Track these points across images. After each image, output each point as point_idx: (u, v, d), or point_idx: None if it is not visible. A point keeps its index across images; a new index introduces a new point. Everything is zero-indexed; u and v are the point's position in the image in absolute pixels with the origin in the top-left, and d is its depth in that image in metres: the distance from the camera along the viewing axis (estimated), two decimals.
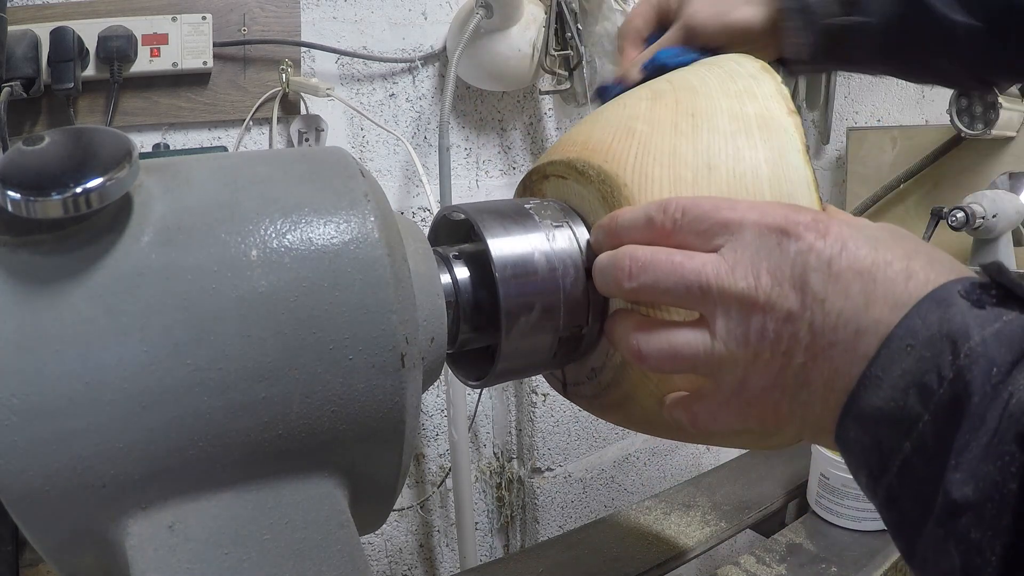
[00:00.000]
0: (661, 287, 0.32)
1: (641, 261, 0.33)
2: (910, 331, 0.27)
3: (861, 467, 0.29)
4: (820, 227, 0.30)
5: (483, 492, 1.25)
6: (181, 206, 0.29)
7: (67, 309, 0.26)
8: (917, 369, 0.26)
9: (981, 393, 0.24)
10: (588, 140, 0.40)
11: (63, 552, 0.28)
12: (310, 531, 0.29)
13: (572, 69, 1.03)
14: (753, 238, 0.31)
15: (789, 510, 0.85)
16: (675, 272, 0.31)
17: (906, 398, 0.26)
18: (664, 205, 0.33)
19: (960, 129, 1.17)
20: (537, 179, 0.43)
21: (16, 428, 0.25)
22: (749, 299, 0.30)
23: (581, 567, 0.70)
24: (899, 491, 0.27)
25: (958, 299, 0.26)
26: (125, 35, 0.78)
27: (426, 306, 0.34)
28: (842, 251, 0.29)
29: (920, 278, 0.28)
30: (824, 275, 0.29)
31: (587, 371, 0.42)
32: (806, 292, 0.29)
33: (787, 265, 0.29)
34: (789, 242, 0.30)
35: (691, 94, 0.39)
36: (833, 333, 0.29)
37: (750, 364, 0.31)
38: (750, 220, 0.31)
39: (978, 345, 0.25)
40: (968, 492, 0.24)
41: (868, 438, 0.28)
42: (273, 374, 0.28)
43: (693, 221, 0.32)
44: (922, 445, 0.26)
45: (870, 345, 0.28)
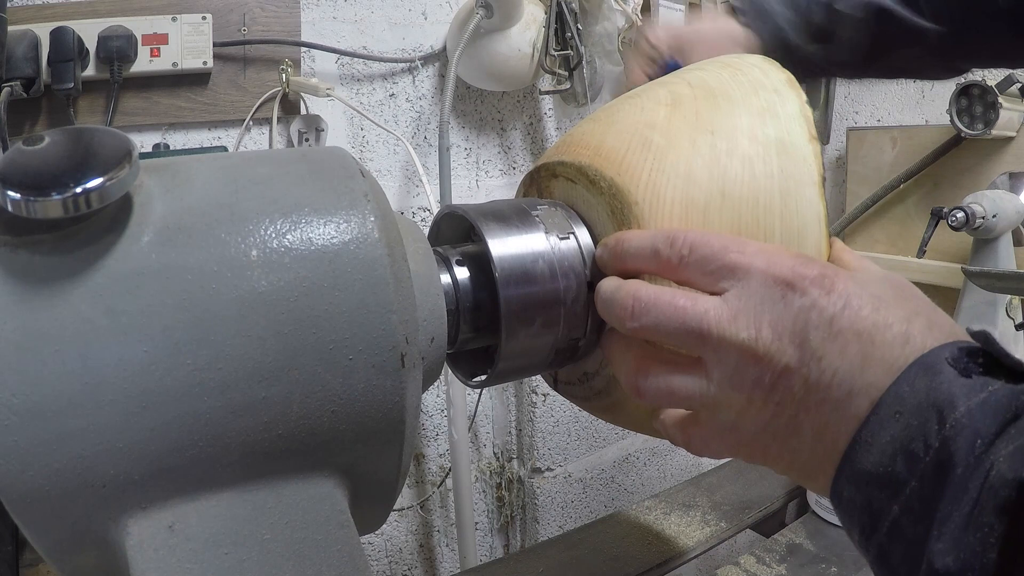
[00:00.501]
0: (662, 330, 0.32)
1: (644, 302, 0.33)
2: (899, 398, 0.27)
3: (854, 524, 0.30)
4: (826, 283, 0.30)
5: (483, 492, 1.25)
6: (181, 206, 0.29)
7: (67, 309, 0.26)
8: (905, 436, 0.27)
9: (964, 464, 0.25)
10: (601, 145, 0.38)
11: (63, 552, 0.28)
12: (310, 531, 0.29)
13: (572, 69, 1.03)
14: (759, 287, 0.31)
15: (789, 510, 0.85)
16: (677, 316, 0.32)
17: (894, 463, 0.27)
18: (672, 239, 0.33)
19: (960, 129, 1.17)
20: (546, 176, 0.42)
21: (16, 428, 0.25)
22: (749, 350, 0.30)
23: (581, 567, 0.70)
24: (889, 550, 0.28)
25: (945, 367, 0.27)
26: (125, 35, 0.78)
27: (426, 306, 0.34)
28: (844, 309, 0.29)
29: (916, 343, 0.28)
30: (824, 333, 0.29)
31: (580, 374, 0.42)
32: (805, 348, 0.29)
33: (789, 320, 0.30)
34: (794, 296, 0.30)
35: (712, 106, 0.38)
36: (826, 391, 0.29)
37: (743, 409, 0.31)
38: (757, 268, 0.31)
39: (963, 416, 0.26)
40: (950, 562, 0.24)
41: (860, 498, 0.28)
42: (273, 374, 0.28)
43: (700, 260, 0.32)
44: (909, 509, 0.26)
45: (860, 407, 0.28)
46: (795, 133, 0.37)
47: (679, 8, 1.15)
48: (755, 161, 0.36)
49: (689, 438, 0.35)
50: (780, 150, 0.36)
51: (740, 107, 0.38)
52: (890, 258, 1.34)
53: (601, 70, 1.07)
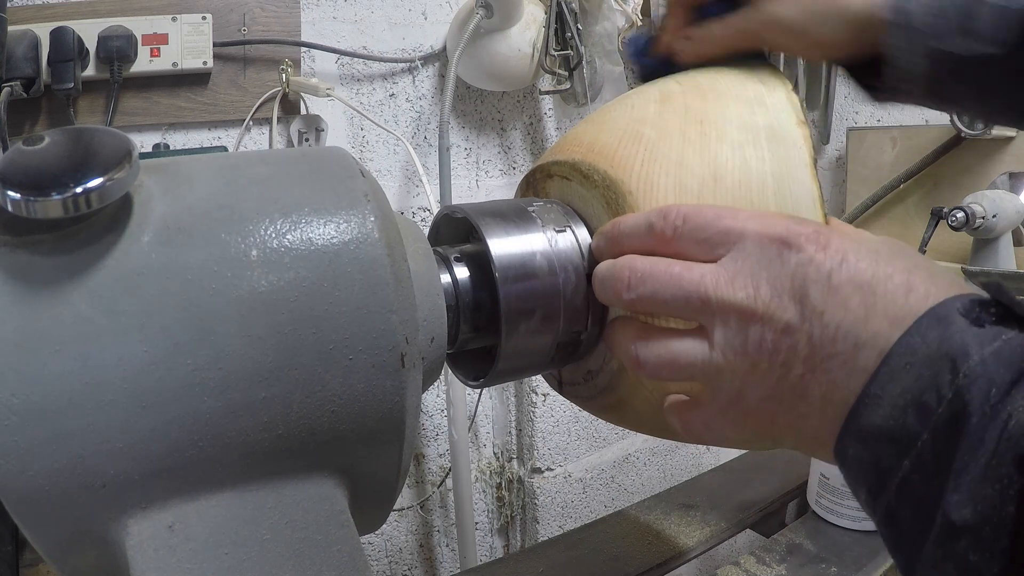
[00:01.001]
0: (660, 298, 0.32)
1: (640, 272, 0.33)
2: (909, 349, 0.27)
3: (860, 484, 0.29)
4: (821, 239, 0.30)
5: (483, 492, 1.25)
6: (181, 206, 0.29)
7: (67, 309, 0.26)
8: (916, 388, 0.26)
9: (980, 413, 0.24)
10: (594, 142, 0.39)
11: (63, 552, 0.28)
12: (310, 531, 0.29)
13: (572, 69, 1.03)
14: (754, 248, 0.30)
15: (789, 510, 0.85)
16: (674, 283, 0.31)
17: (905, 416, 0.26)
18: (665, 212, 0.33)
19: (960, 129, 1.17)
20: (541, 177, 0.43)
21: (16, 428, 0.25)
22: (748, 310, 0.30)
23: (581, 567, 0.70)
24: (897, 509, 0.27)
25: (957, 317, 0.26)
26: (125, 35, 0.78)
27: (426, 306, 0.34)
28: (842, 263, 0.29)
29: (920, 292, 0.28)
30: (824, 287, 0.29)
31: (583, 373, 0.42)
32: (805, 304, 0.29)
33: (787, 277, 0.29)
34: (790, 254, 0.30)
35: (700, 99, 0.39)
36: (832, 345, 0.29)
37: (747, 374, 0.31)
38: (751, 230, 0.31)
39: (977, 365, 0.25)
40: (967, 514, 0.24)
41: (867, 455, 0.28)
42: (273, 374, 0.28)
43: (694, 229, 0.32)
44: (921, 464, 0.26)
45: (869, 358, 0.28)
46: (783, 119, 0.37)
47: None
48: (745, 147, 0.36)
49: (688, 422, 0.34)
50: (770, 135, 0.37)
51: (728, 98, 0.38)
52: None
53: (601, 70, 1.07)
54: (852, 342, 0.28)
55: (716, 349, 0.31)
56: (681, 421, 0.35)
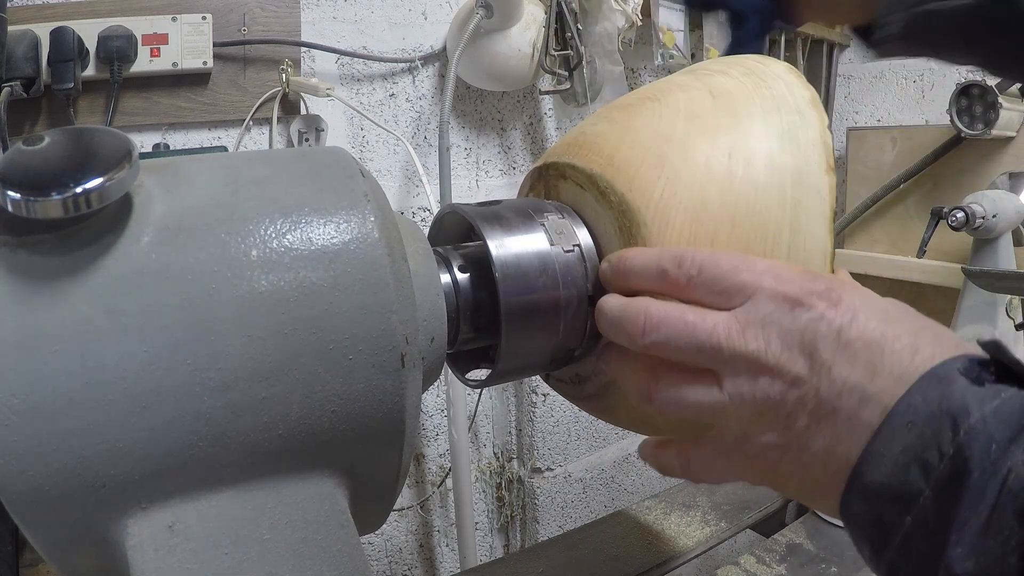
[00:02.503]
0: (673, 345, 0.32)
1: (655, 319, 0.33)
2: (911, 408, 0.27)
3: (864, 540, 0.29)
4: (833, 296, 0.30)
5: (483, 492, 1.25)
6: (181, 206, 0.29)
7: (67, 309, 0.26)
8: (918, 445, 0.27)
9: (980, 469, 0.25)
10: (615, 155, 0.37)
11: (63, 552, 0.28)
12: (310, 531, 0.29)
13: (572, 69, 1.03)
14: (767, 303, 0.31)
15: (789, 510, 0.85)
16: (688, 332, 0.32)
17: (907, 474, 0.27)
18: (680, 259, 0.33)
19: (960, 129, 1.17)
20: (555, 175, 0.41)
21: (16, 428, 0.25)
22: (758, 361, 0.30)
23: (581, 567, 0.70)
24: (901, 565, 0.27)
25: (957, 376, 0.27)
26: (125, 35, 0.78)
27: (426, 306, 0.34)
28: (852, 321, 0.30)
29: (926, 354, 0.28)
30: (833, 343, 0.29)
31: (572, 374, 0.42)
32: (815, 359, 0.30)
33: (798, 332, 0.30)
34: (801, 311, 0.30)
35: (732, 122, 0.37)
36: (838, 400, 0.29)
37: (754, 422, 0.31)
38: (766, 285, 0.31)
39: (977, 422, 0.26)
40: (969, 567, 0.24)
41: (870, 512, 0.28)
42: (273, 374, 0.28)
43: (709, 281, 0.32)
44: (923, 520, 0.26)
45: (872, 414, 0.28)
46: (812, 163, 0.36)
47: (679, 8, 1.15)
48: (769, 191, 0.35)
49: (688, 462, 0.35)
50: (796, 181, 0.35)
51: (760, 125, 0.37)
52: (890, 258, 1.34)
53: (601, 70, 1.07)
54: (857, 398, 0.29)
55: (725, 393, 0.31)
56: (681, 460, 0.35)
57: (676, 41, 1.15)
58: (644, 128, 0.38)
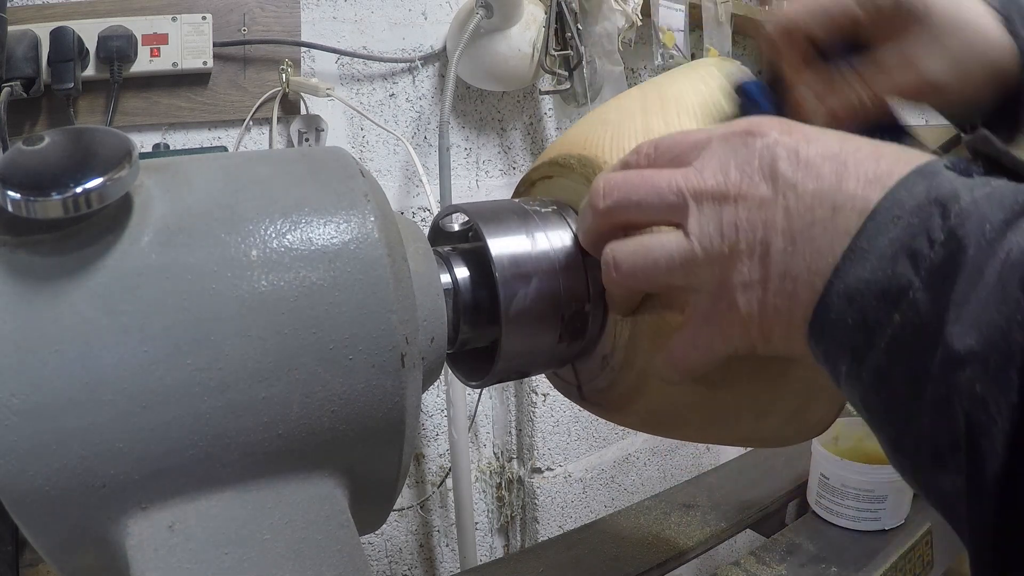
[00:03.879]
0: (633, 199, 0.33)
1: (613, 181, 0.34)
2: (896, 202, 0.26)
3: (843, 351, 0.27)
4: (784, 126, 0.30)
5: (483, 492, 1.25)
6: (181, 206, 0.29)
7: (67, 309, 0.26)
8: (906, 235, 0.25)
9: (976, 246, 0.23)
10: (563, 141, 0.43)
11: (63, 552, 0.28)
12: (310, 531, 0.29)
13: (572, 69, 1.03)
14: (720, 144, 0.31)
15: (789, 510, 0.85)
16: (646, 183, 0.32)
17: (895, 266, 0.25)
18: (637, 148, 0.35)
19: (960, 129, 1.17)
20: (525, 189, 0.45)
21: (16, 428, 0.25)
22: (720, 192, 0.30)
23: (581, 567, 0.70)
24: (888, 368, 0.25)
25: (944, 170, 0.26)
26: (125, 35, 0.78)
27: (426, 306, 0.34)
28: (809, 141, 0.29)
29: (890, 158, 0.28)
30: (793, 162, 0.29)
31: (599, 361, 0.42)
32: (776, 179, 0.29)
33: (754, 157, 0.30)
34: (754, 139, 0.30)
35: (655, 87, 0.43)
36: (810, 213, 0.28)
37: (727, 260, 0.30)
38: (718, 132, 0.32)
39: (969, 205, 0.24)
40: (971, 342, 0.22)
41: (852, 315, 0.26)
42: (273, 374, 0.28)
43: (665, 151, 0.34)
44: (914, 312, 0.24)
45: (849, 220, 0.27)
46: None
47: (679, 8, 1.15)
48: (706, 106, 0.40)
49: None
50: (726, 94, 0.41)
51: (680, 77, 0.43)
52: None
53: (601, 70, 1.07)
54: (829, 205, 0.28)
55: (692, 238, 0.31)
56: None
57: (676, 41, 1.15)
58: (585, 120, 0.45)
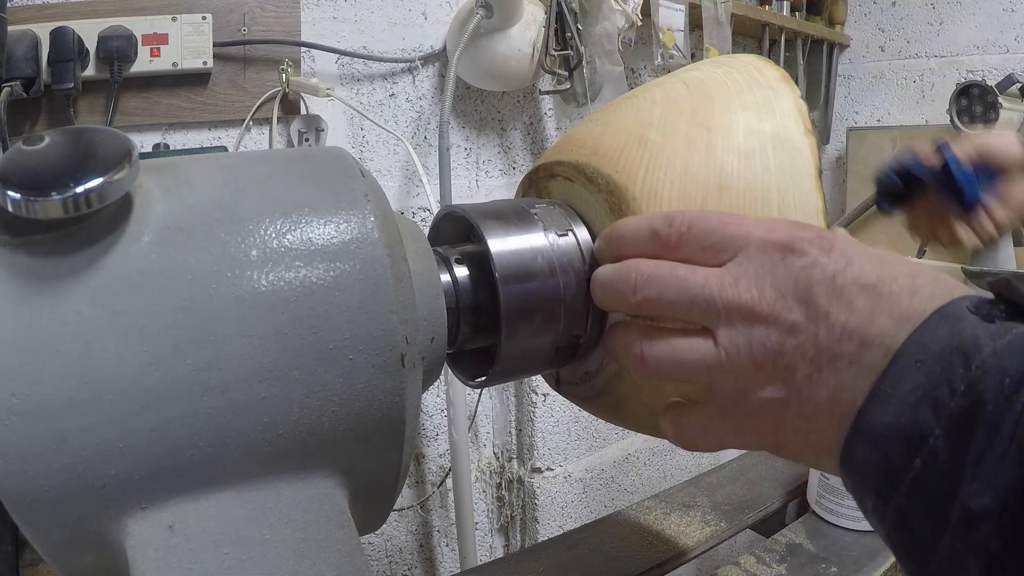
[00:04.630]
0: (665, 300, 0.32)
1: (646, 275, 0.32)
2: (920, 346, 0.26)
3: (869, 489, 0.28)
4: (824, 243, 0.30)
5: (483, 492, 1.25)
6: (181, 206, 0.29)
7: (67, 309, 0.26)
8: (928, 383, 0.26)
9: (995, 403, 0.24)
10: (598, 145, 0.39)
11: (63, 552, 0.28)
12: (310, 531, 0.29)
13: (572, 69, 1.03)
14: (758, 253, 0.31)
15: (789, 510, 0.85)
16: (680, 285, 0.31)
17: (916, 413, 0.26)
18: (670, 219, 0.33)
19: (960, 129, 1.17)
20: (544, 176, 0.42)
21: (16, 428, 0.25)
22: (753, 311, 0.30)
23: (581, 567, 0.70)
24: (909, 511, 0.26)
25: (967, 314, 0.26)
26: (125, 35, 0.78)
27: (426, 306, 0.34)
28: (847, 266, 0.29)
29: (925, 294, 0.28)
30: (828, 288, 0.29)
31: (581, 373, 0.42)
32: (810, 305, 0.29)
33: (791, 279, 0.30)
34: (793, 257, 0.30)
35: (708, 103, 0.39)
36: (838, 345, 0.28)
37: (752, 376, 0.30)
38: (755, 236, 0.31)
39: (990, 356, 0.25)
40: (986, 501, 0.23)
41: (876, 457, 0.27)
42: (273, 374, 0.28)
43: (699, 236, 0.32)
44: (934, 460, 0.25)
45: (876, 357, 0.27)
46: (791, 128, 0.37)
47: (679, 8, 1.15)
48: (752, 156, 0.36)
49: (684, 425, 0.34)
50: (776, 145, 0.37)
51: (735, 103, 0.38)
52: None
53: (601, 70, 1.07)
54: (858, 341, 0.28)
55: (720, 348, 0.31)
56: (676, 425, 0.34)
57: (676, 41, 1.15)
58: (624, 119, 0.39)
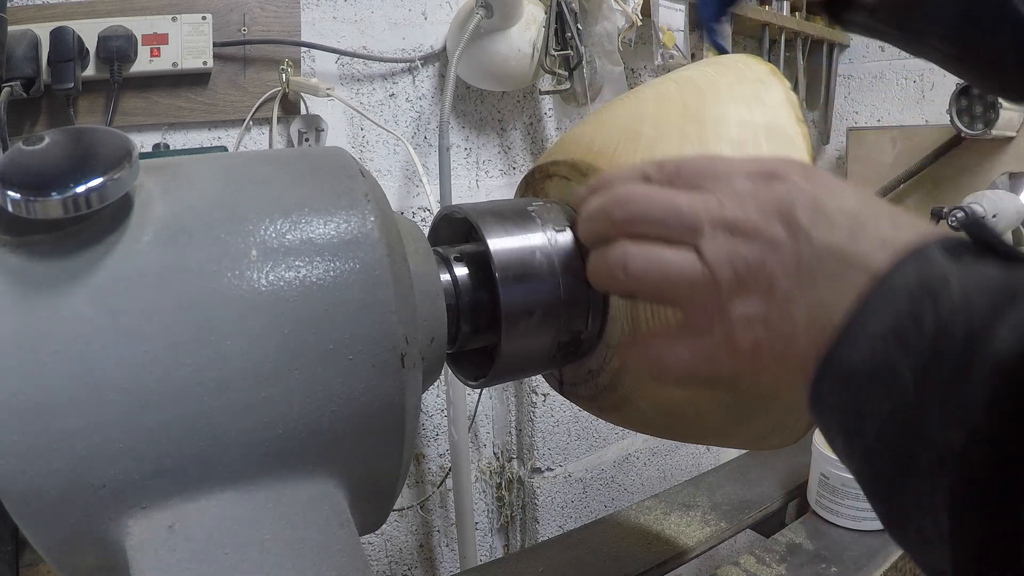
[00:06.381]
0: (652, 216, 0.32)
1: (633, 192, 0.33)
2: (889, 286, 0.27)
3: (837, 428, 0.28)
4: (808, 173, 0.31)
5: (483, 492, 1.25)
6: (181, 206, 0.29)
7: (67, 309, 0.26)
8: (896, 324, 0.26)
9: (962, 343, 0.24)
10: (592, 142, 0.39)
11: (63, 552, 0.28)
12: (310, 531, 0.29)
13: (572, 69, 1.03)
14: (742, 180, 0.31)
15: (789, 510, 0.85)
16: (667, 201, 0.32)
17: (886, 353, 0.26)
18: (659, 163, 0.34)
19: (960, 129, 1.17)
20: (540, 177, 0.43)
21: (16, 428, 0.25)
22: (736, 225, 0.30)
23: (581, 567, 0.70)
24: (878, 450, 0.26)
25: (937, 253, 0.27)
26: (125, 35, 0.78)
27: (426, 306, 0.34)
28: (829, 193, 0.30)
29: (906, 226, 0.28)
30: (811, 210, 0.29)
31: (584, 372, 0.42)
32: (792, 224, 0.29)
33: (775, 200, 0.30)
34: (777, 182, 0.31)
35: (698, 98, 0.39)
36: (819, 263, 0.28)
37: (733, 290, 0.30)
38: (741, 167, 0.32)
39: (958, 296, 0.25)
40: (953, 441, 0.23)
41: (845, 397, 0.27)
42: (273, 374, 0.28)
43: (687, 175, 0.33)
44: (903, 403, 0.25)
45: (856, 276, 0.27)
46: (782, 117, 0.38)
47: (679, 8, 1.15)
48: (745, 145, 0.37)
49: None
50: (768, 134, 0.37)
51: (726, 96, 0.39)
52: None
53: (601, 70, 1.07)
54: (840, 259, 0.28)
55: (704, 261, 0.31)
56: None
57: (676, 41, 1.15)
58: (618, 116, 0.40)
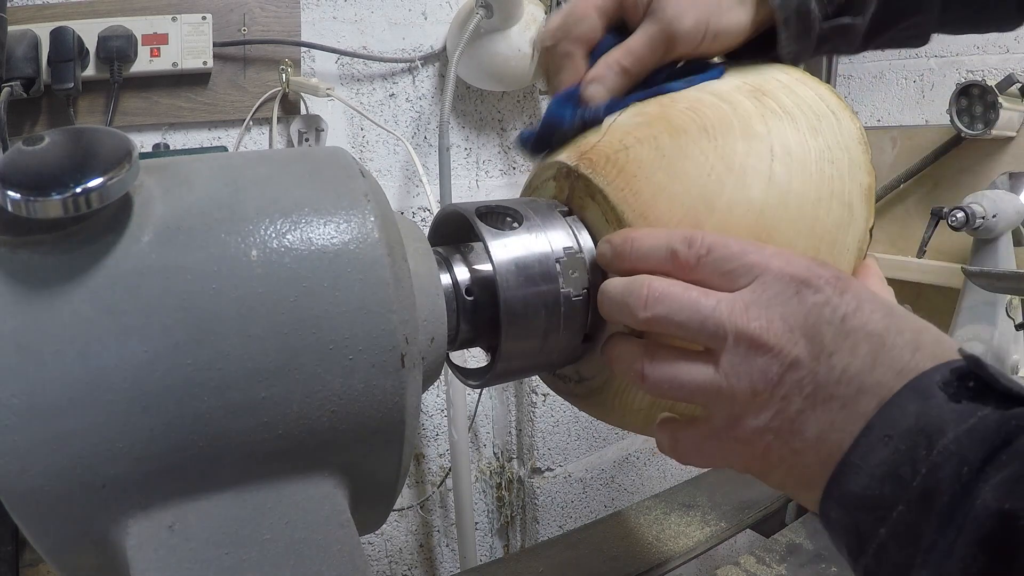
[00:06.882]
0: (675, 320, 0.32)
1: (658, 292, 0.32)
2: (889, 422, 0.28)
3: (842, 545, 0.30)
4: (840, 284, 0.31)
5: (483, 492, 1.25)
6: (181, 206, 0.29)
7: (67, 309, 0.26)
8: (894, 460, 0.27)
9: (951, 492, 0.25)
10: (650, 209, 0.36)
11: (63, 552, 0.28)
12: (310, 531, 0.29)
13: None
14: (773, 283, 0.31)
15: (789, 510, 0.85)
16: (691, 306, 0.31)
17: (883, 487, 0.27)
18: (689, 239, 0.32)
19: (960, 129, 1.17)
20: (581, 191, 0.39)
21: (16, 428, 0.25)
22: (758, 340, 0.30)
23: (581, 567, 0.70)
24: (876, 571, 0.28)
25: (937, 392, 0.27)
26: (125, 35, 0.78)
27: (426, 306, 0.34)
28: (857, 310, 0.30)
29: (927, 352, 0.29)
30: (836, 330, 0.30)
31: (573, 373, 0.42)
32: (816, 343, 0.30)
33: (802, 314, 0.30)
34: (807, 293, 0.30)
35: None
36: (835, 387, 0.29)
37: (748, 402, 0.31)
38: (774, 266, 0.31)
39: (951, 443, 0.26)
40: None
41: (848, 520, 0.29)
42: (273, 374, 0.28)
43: (717, 260, 0.32)
44: (896, 533, 0.27)
45: (868, 405, 0.29)
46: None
47: None
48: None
49: (676, 442, 0.34)
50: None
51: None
52: (890, 258, 1.34)
53: None
54: (856, 387, 0.29)
55: (721, 373, 0.31)
56: (671, 440, 0.35)
57: None
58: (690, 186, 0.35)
